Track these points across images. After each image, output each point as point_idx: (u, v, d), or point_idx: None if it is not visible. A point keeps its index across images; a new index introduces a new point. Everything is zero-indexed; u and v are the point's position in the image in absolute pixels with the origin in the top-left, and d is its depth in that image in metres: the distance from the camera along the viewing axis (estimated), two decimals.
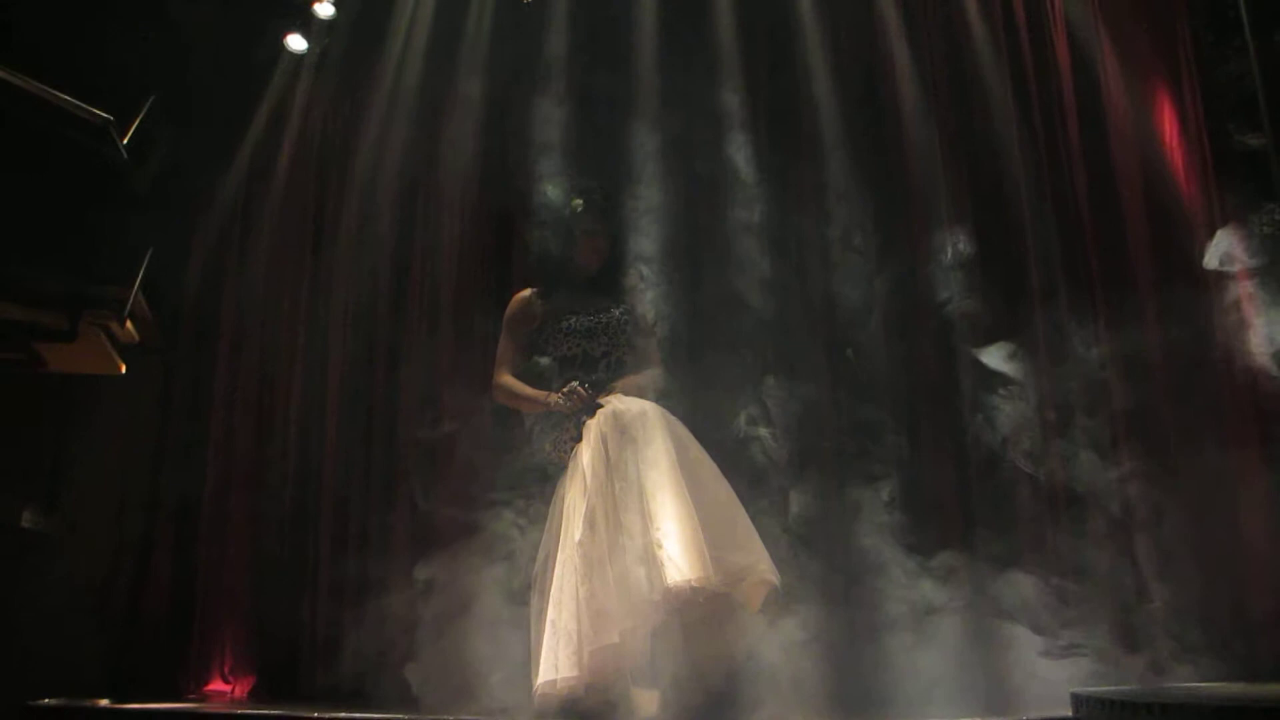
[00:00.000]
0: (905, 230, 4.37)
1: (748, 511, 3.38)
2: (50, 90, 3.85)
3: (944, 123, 4.48)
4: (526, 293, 3.86)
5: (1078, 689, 2.80)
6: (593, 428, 3.46)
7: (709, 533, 3.14)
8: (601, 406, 3.53)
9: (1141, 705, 2.41)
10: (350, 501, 4.79)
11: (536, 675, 3.16)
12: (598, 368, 3.69)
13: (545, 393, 3.64)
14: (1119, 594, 3.67)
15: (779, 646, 3.25)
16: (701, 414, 3.87)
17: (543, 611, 3.25)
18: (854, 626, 3.80)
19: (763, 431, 3.81)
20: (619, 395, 3.59)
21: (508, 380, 3.75)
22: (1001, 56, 4.43)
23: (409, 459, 4.65)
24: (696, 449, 3.47)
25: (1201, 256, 3.80)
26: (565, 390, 3.57)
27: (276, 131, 5.19)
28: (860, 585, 3.86)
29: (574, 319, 3.72)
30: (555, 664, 3.09)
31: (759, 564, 3.21)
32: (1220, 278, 3.79)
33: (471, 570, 3.73)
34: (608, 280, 3.86)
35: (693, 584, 3.04)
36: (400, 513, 4.61)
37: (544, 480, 3.62)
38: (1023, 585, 3.70)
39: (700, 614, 3.15)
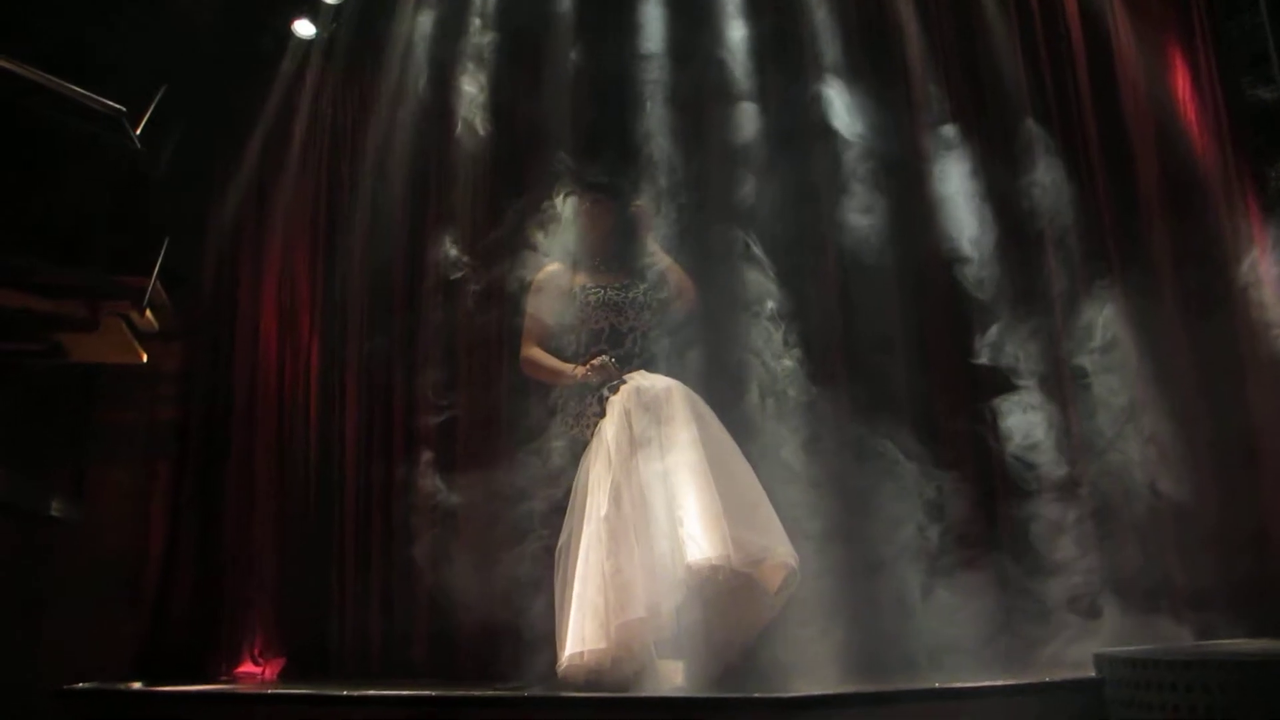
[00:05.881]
0: (915, 190, 4.36)
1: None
2: (62, 82, 3.86)
3: (953, 83, 4.46)
4: (552, 267, 3.91)
5: (1101, 649, 2.82)
6: (616, 403, 3.50)
7: (729, 513, 3.18)
8: (625, 382, 3.56)
9: (1164, 664, 2.45)
10: (375, 477, 4.80)
11: (563, 648, 3.21)
12: (624, 342, 3.72)
13: (573, 365, 3.67)
14: (1141, 555, 3.65)
15: (798, 612, 3.29)
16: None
17: (568, 585, 3.30)
18: (873, 588, 3.81)
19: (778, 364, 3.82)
20: (643, 372, 3.62)
21: (535, 353, 3.80)
22: (1009, 10, 4.41)
23: (431, 433, 4.64)
24: (718, 428, 3.51)
25: (1216, 212, 3.80)
26: (596, 363, 3.61)
27: (287, 116, 5.20)
28: (879, 547, 3.86)
29: (601, 292, 3.75)
30: (582, 636, 3.15)
31: (778, 546, 3.25)
32: (1236, 232, 3.78)
33: (500, 540, 3.76)
34: (631, 256, 3.88)
35: (713, 562, 3.09)
36: (426, 487, 4.59)
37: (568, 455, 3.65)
38: (1044, 547, 3.70)
39: (719, 591, 3.19)
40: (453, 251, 4.54)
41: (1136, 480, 3.67)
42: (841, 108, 4.33)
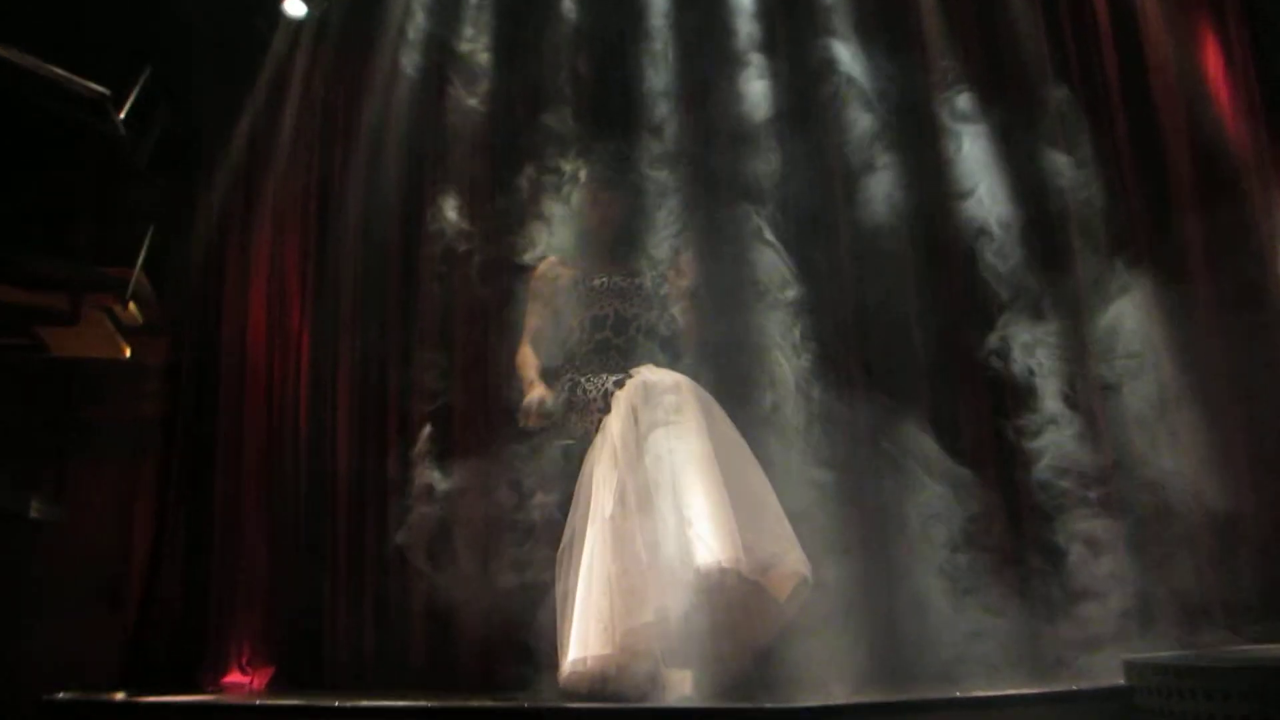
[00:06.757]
0: (932, 175, 4.35)
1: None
2: (44, 64, 3.86)
3: (972, 61, 4.43)
4: (551, 259, 3.88)
5: (1131, 656, 2.78)
6: (622, 399, 3.47)
7: (739, 516, 3.14)
8: (631, 376, 3.54)
9: (1198, 670, 2.41)
10: (368, 476, 4.78)
11: (565, 655, 3.17)
12: (628, 329, 3.69)
13: (531, 388, 3.64)
14: (1173, 559, 3.62)
15: (813, 618, 3.27)
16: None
17: (570, 589, 3.26)
18: (892, 594, 3.81)
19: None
20: (650, 366, 3.60)
21: (523, 353, 3.78)
22: None
23: (427, 432, 4.56)
24: (729, 427, 3.47)
25: (1250, 197, 3.77)
26: (529, 402, 3.58)
27: (278, 100, 5.15)
28: (896, 552, 3.86)
29: (605, 278, 3.73)
30: (586, 642, 3.10)
31: (789, 553, 3.21)
32: (1272, 219, 3.75)
33: (501, 541, 3.74)
34: (638, 246, 3.87)
35: (722, 564, 3.04)
36: (422, 488, 4.51)
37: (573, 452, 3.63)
38: (1071, 553, 3.66)
39: (728, 598, 3.14)
40: (451, 230, 4.53)
41: (1167, 483, 3.63)
42: (855, 76, 4.35)
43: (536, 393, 3.61)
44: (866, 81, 4.34)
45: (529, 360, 3.76)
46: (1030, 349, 3.87)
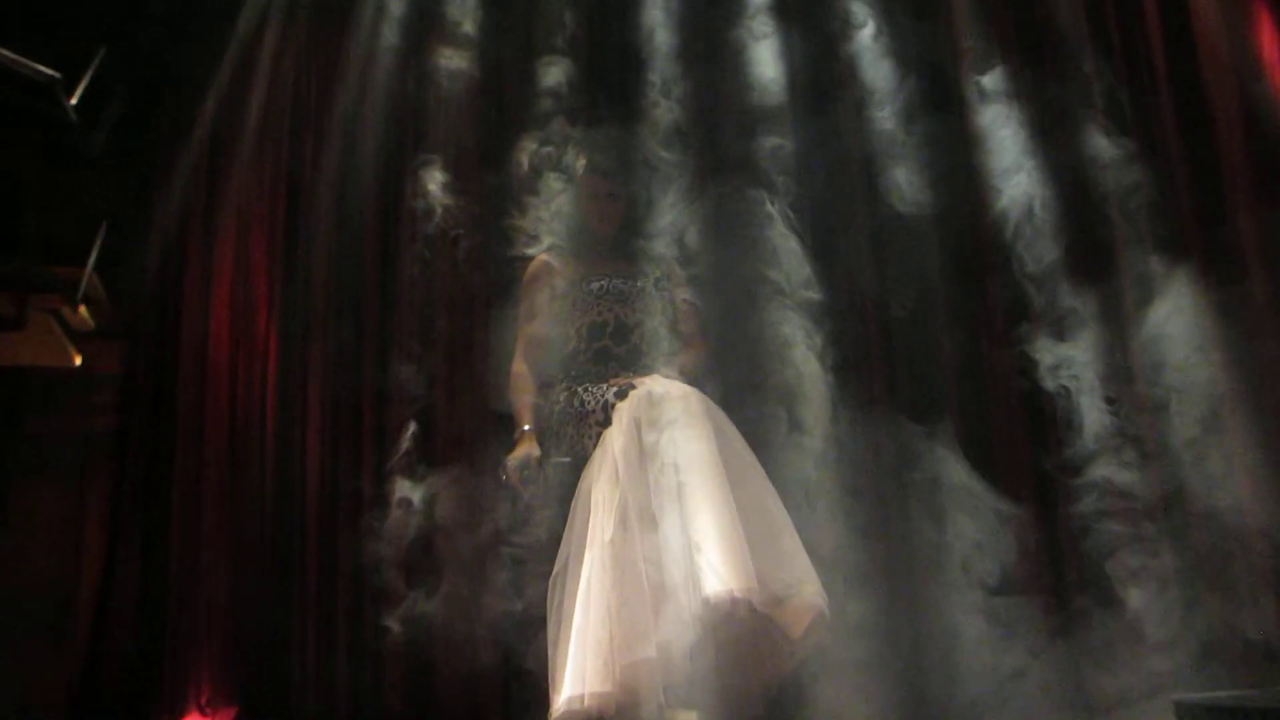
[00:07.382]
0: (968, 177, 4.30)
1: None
2: None
3: (1006, 45, 4.38)
4: (544, 255, 3.75)
5: (1181, 696, 2.74)
6: (624, 411, 3.33)
7: (752, 541, 3.02)
8: (634, 387, 3.42)
9: (1255, 711, 2.42)
10: (341, 496, 4.73)
11: (557, 691, 3.02)
12: (630, 337, 3.58)
13: (523, 423, 3.51)
14: (1226, 591, 3.53)
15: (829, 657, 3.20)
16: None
17: (564, 619, 3.12)
18: (922, 622, 3.77)
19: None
20: (656, 376, 3.47)
21: (517, 372, 3.65)
22: None
23: (405, 446, 4.47)
24: (741, 445, 3.35)
25: None
26: (514, 461, 3.44)
27: (244, 86, 5.12)
28: (922, 585, 3.82)
29: (604, 281, 3.62)
30: (583, 677, 2.96)
31: (805, 584, 3.07)
32: None
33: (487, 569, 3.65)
34: (638, 244, 3.76)
35: (734, 594, 2.91)
36: (399, 508, 4.41)
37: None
38: (1116, 583, 3.58)
39: (738, 632, 3.04)
40: (435, 217, 4.47)
41: (1219, 507, 3.54)
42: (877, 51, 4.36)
43: (523, 450, 3.49)
44: (891, 57, 4.38)
45: (524, 383, 3.64)
46: (1071, 360, 3.83)
